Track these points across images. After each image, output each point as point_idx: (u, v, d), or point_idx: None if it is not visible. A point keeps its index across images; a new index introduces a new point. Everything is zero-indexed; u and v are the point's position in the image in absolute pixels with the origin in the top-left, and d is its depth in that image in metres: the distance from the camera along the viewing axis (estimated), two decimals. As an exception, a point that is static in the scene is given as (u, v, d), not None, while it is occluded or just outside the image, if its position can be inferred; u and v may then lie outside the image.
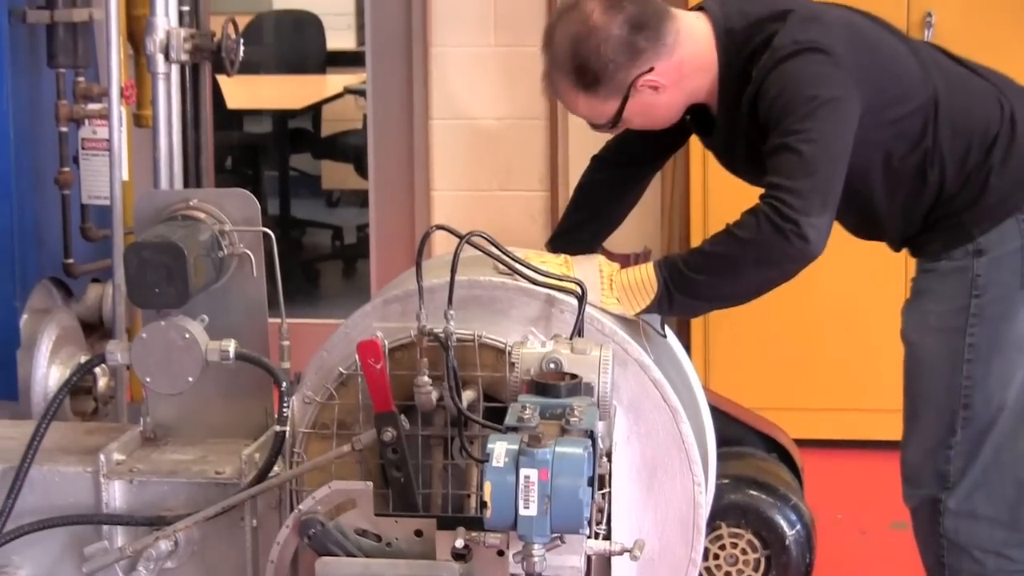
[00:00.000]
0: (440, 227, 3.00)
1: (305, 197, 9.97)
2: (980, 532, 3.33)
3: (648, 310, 3.05)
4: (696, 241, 5.73)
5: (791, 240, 3.00)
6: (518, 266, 2.92)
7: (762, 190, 3.09)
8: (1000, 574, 3.34)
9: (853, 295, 5.81)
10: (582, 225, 3.54)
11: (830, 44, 3.22)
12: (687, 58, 3.22)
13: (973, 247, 3.37)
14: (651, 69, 3.16)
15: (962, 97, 3.44)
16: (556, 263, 3.05)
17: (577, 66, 3.15)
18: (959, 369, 3.39)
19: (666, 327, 3.19)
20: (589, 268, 3.06)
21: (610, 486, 2.68)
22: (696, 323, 5.92)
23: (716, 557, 3.90)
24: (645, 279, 3.04)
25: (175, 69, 3.91)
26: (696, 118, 3.42)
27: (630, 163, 3.56)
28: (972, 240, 3.37)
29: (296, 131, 9.44)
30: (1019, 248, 3.35)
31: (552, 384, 2.61)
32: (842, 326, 5.86)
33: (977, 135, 3.39)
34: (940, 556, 3.38)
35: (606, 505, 2.68)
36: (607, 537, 2.67)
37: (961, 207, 3.38)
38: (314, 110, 9.46)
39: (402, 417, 2.75)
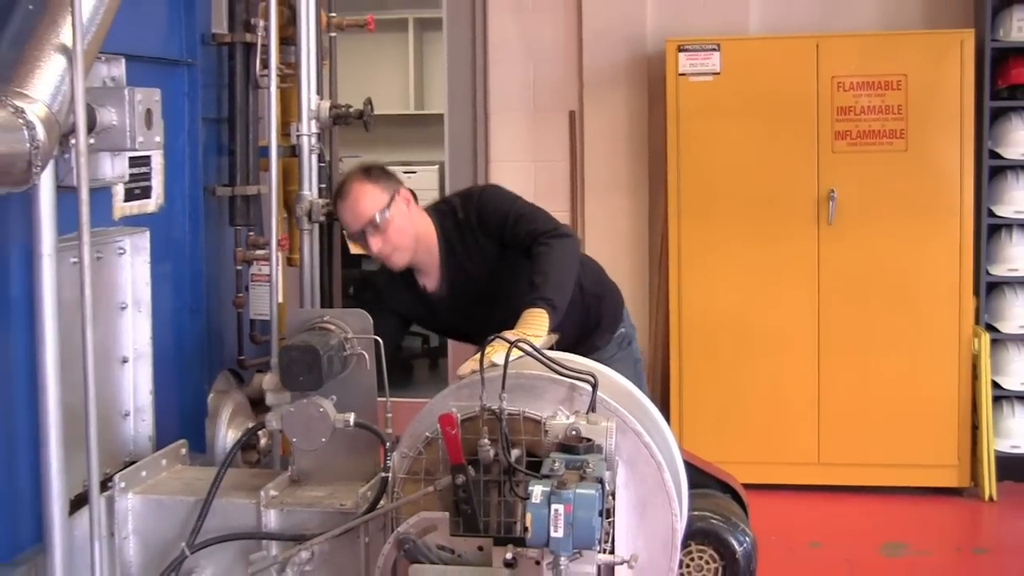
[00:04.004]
0: (497, 336, 2.99)
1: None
2: None
3: (552, 321, 3.27)
4: (674, 324, 5.82)
5: (568, 237, 3.53)
6: (551, 364, 2.90)
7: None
8: None
9: (775, 399, 5.79)
10: None
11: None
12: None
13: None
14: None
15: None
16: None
17: None
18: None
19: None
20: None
21: (614, 516, 2.64)
22: (674, 402, 5.89)
23: (687, 566, 3.83)
24: (538, 315, 3.25)
25: (316, 227, 3.94)
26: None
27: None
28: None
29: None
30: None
31: (574, 445, 2.59)
32: (771, 409, 5.83)
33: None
34: None
35: (611, 530, 2.63)
36: (612, 552, 2.63)
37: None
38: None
39: (469, 468, 2.72)
